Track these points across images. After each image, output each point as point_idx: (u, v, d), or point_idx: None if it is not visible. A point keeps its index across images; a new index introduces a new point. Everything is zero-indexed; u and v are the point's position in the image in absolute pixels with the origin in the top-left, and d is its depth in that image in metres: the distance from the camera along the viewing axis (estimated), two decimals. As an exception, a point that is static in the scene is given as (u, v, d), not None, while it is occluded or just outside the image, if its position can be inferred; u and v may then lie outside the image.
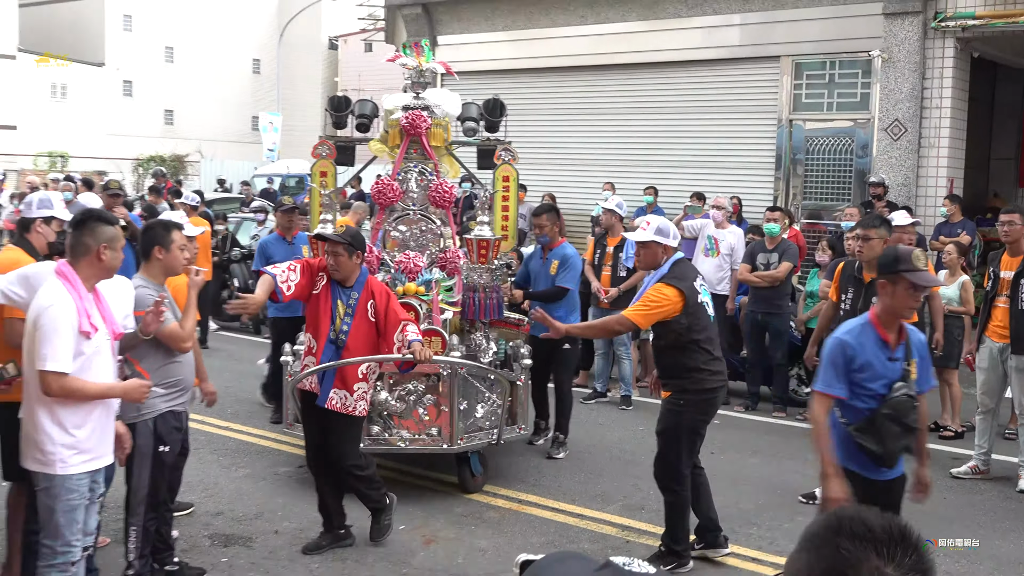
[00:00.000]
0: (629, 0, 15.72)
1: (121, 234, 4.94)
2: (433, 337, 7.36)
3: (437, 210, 8.25)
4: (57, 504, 4.68)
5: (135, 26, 52.18)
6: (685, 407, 6.29)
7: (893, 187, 13.14)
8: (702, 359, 6.24)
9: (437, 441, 7.41)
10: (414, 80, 8.35)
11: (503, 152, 8.55)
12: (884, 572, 1.45)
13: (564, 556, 1.38)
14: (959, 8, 13.12)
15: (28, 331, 4.63)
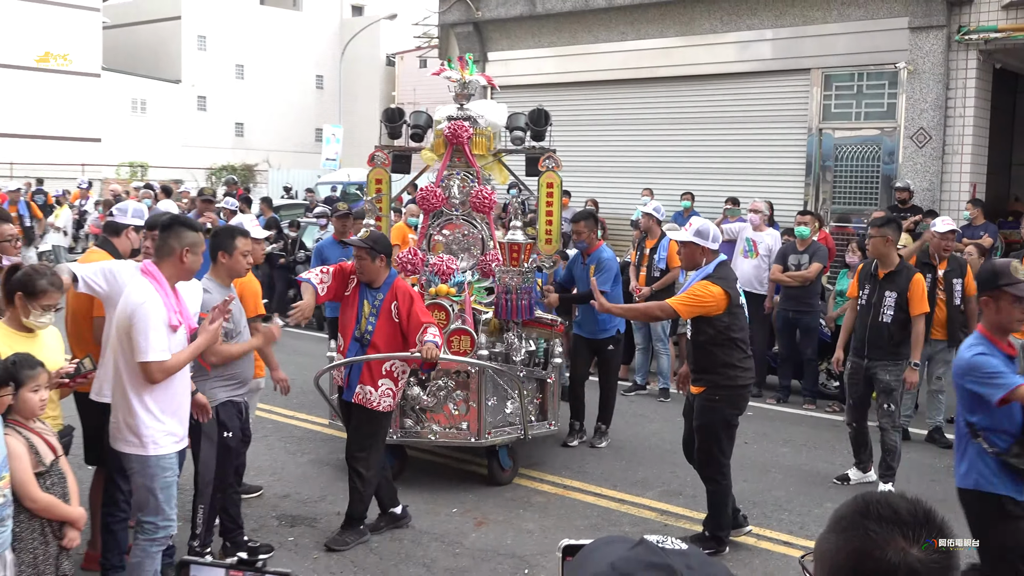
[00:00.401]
0: (667, 17, 15.66)
1: (202, 239, 5.01)
2: (463, 336, 7.26)
3: (478, 215, 8.19)
4: (155, 483, 4.75)
5: (209, 46, 52.74)
6: (720, 402, 6.26)
7: (918, 192, 13.00)
8: (737, 356, 6.23)
9: (465, 435, 7.31)
10: (457, 92, 8.30)
11: (547, 160, 8.45)
12: (909, 553, 1.44)
13: (611, 539, 1.38)
14: (981, 22, 12.97)
15: (121, 326, 4.66)
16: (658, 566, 1.10)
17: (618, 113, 16.48)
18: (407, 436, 7.29)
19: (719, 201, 14.10)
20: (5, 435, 3.89)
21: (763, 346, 11.00)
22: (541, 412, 7.81)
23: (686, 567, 1.11)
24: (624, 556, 1.14)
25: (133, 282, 4.77)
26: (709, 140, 15.39)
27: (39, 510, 4.02)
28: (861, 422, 7.74)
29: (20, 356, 4.06)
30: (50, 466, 4.11)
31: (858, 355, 7.68)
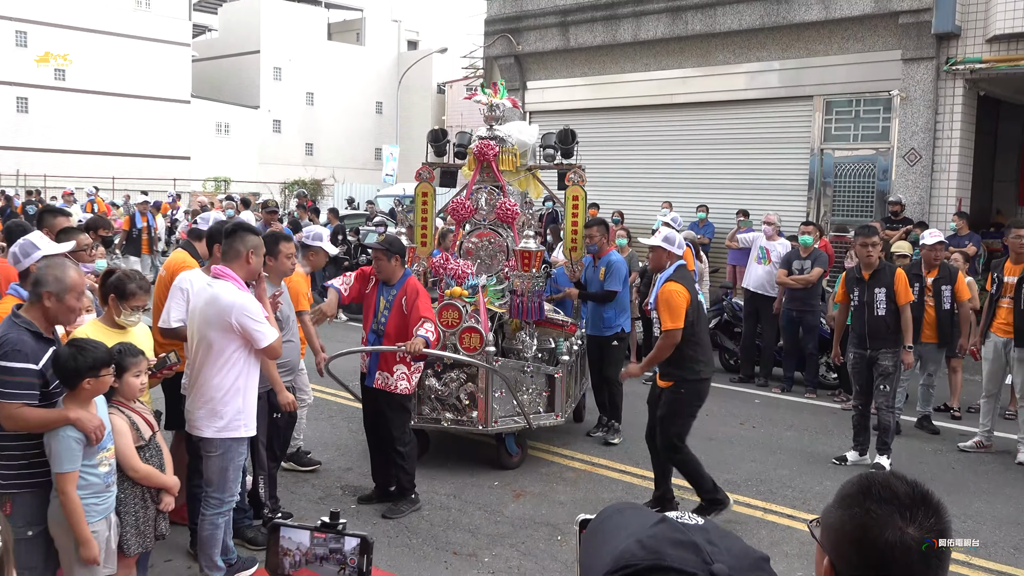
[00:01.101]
0: (685, 50, 15.60)
1: (262, 243, 5.01)
2: (472, 334, 7.05)
3: (503, 224, 8.03)
4: (231, 464, 4.78)
5: (283, 76, 53.18)
6: (686, 395, 6.17)
7: (909, 206, 12.86)
8: (698, 352, 6.13)
9: (474, 423, 7.14)
10: (486, 115, 8.14)
11: (572, 175, 8.29)
12: (906, 532, 1.43)
13: (622, 507, 1.35)
14: (967, 54, 12.80)
15: (217, 323, 4.61)
16: (684, 543, 1.09)
17: (642, 135, 16.43)
18: (424, 421, 7.18)
19: (731, 213, 14.06)
20: (110, 414, 3.97)
21: (770, 341, 10.93)
22: (549, 404, 7.53)
23: (707, 542, 1.10)
24: (650, 533, 1.13)
25: (217, 285, 4.68)
26: (722, 159, 15.30)
27: (140, 479, 4.08)
28: (866, 406, 7.73)
29: (124, 345, 4.12)
30: (148, 441, 4.17)
31: (860, 347, 7.65)
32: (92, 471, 3.79)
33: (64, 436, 3.67)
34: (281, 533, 1.75)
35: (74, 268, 4.00)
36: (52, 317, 3.86)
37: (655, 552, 1.09)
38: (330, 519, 1.77)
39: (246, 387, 4.78)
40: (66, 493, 3.67)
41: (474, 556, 5.64)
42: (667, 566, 1.07)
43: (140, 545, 4.15)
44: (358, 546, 1.75)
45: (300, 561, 1.75)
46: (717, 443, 8.32)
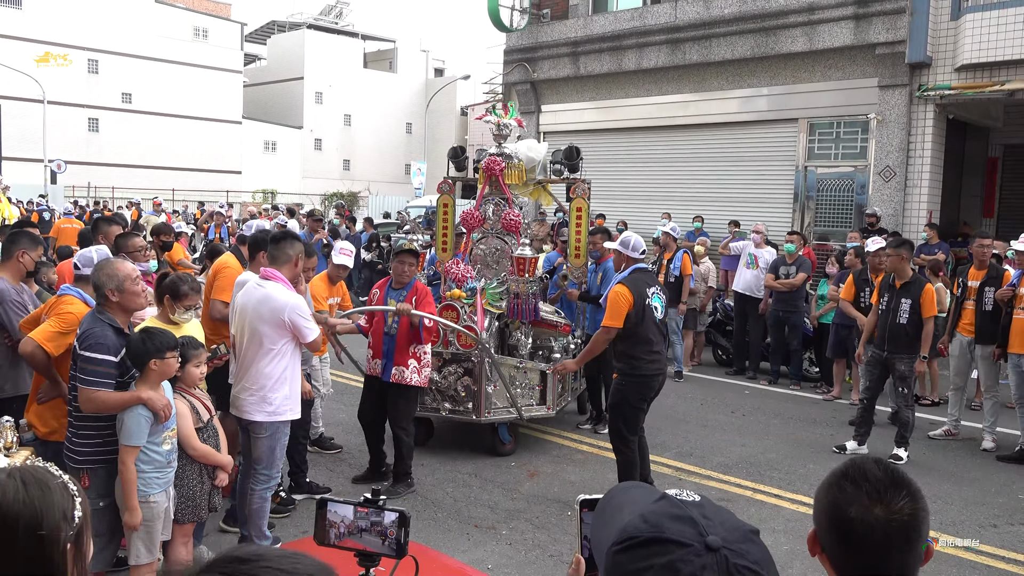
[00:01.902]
0: (684, 77, 15.55)
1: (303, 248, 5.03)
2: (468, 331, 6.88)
3: (508, 233, 7.83)
4: (278, 444, 4.80)
5: (324, 100, 53.38)
6: (626, 387, 5.96)
7: (884, 217, 12.77)
8: (641, 349, 5.87)
9: (469, 413, 7.04)
10: (495, 133, 7.96)
11: (576, 188, 8.12)
12: (871, 510, 1.42)
13: (627, 486, 1.35)
14: (938, 81, 12.71)
15: (271, 320, 4.62)
16: (682, 518, 1.09)
17: (644, 153, 16.39)
18: (426, 411, 7.10)
19: (724, 223, 14.00)
20: (174, 399, 3.99)
21: (759, 338, 10.87)
22: (541, 398, 7.37)
23: (702, 516, 1.10)
24: (651, 509, 1.13)
25: (269, 286, 4.70)
26: (716, 174, 15.24)
27: (198, 456, 4.10)
28: (872, 400, 7.56)
29: (188, 338, 4.14)
30: (207, 423, 4.20)
31: (879, 348, 7.50)
32: (156, 448, 3.81)
33: (137, 413, 3.70)
34: (328, 508, 1.76)
35: (119, 260, 4.10)
36: (125, 308, 3.91)
37: (655, 526, 1.09)
38: (372, 495, 1.77)
39: (292, 376, 4.81)
40: (126, 464, 3.70)
41: (493, 529, 5.64)
42: (666, 538, 1.07)
43: (196, 516, 4.17)
44: (397, 520, 1.75)
45: (344, 532, 1.75)
46: (711, 429, 8.29)
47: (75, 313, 4.22)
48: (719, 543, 1.05)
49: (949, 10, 12.66)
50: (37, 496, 1.36)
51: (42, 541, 1.34)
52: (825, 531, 1.49)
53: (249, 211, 22.39)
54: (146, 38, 44.26)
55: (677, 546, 1.05)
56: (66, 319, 4.23)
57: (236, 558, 1.07)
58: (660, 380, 6.05)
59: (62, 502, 1.38)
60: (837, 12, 13.29)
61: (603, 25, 16.49)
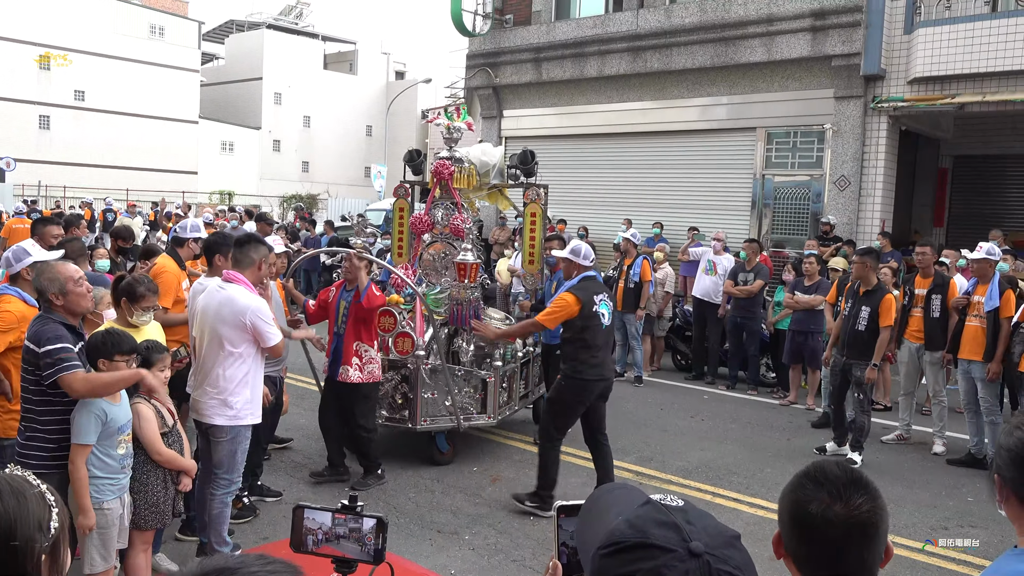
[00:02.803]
0: (644, 85, 15.70)
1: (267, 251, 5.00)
2: (405, 338, 6.79)
3: (458, 238, 7.57)
4: (239, 448, 4.76)
5: (283, 101, 52.86)
6: (564, 388, 6.07)
7: (839, 226, 13.02)
8: (586, 355, 5.93)
9: (406, 421, 6.87)
10: (445, 137, 7.74)
11: (530, 193, 8.03)
12: (832, 508, 1.46)
13: (612, 487, 1.38)
14: (891, 94, 13.01)
15: (231, 322, 4.59)
16: (665, 523, 1.12)
17: (605, 159, 16.51)
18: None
19: (683, 229, 14.16)
20: (137, 404, 3.93)
21: (717, 344, 11.02)
22: (482, 406, 7.19)
23: (686, 521, 1.13)
24: (636, 514, 1.16)
25: (231, 289, 4.66)
26: (676, 181, 15.41)
27: (163, 462, 4.04)
28: (839, 405, 7.74)
29: (152, 343, 4.09)
30: (171, 428, 4.15)
31: (839, 353, 7.68)
32: (110, 452, 3.74)
33: (89, 412, 3.64)
34: (305, 514, 1.76)
35: (60, 262, 3.97)
36: (70, 310, 3.81)
37: (640, 531, 1.12)
38: (349, 502, 1.78)
39: (254, 380, 4.77)
40: (76, 464, 3.63)
41: (456, 534, 5.64)
42: (651, 543, 1.10)
43: (159, 521, 4.12)
44: (375, 526, 1.76)
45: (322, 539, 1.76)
46: (671, 434, 8.38)
47: (13, 312, 4.17)
48: (702, 549, 1.08)
49: (903, 24, 12.97)
50: (12, 506, 1.34)
51: (15, 551, 1.33)
52: (788, 530, 1.52)
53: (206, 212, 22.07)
54: (100, 35, 43.40)
55: (661, 551, 1.08)
56: (4, 319, 4.18)
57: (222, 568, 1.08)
58: (601, 386, 6.08)
59: (38, 512, 1.37)
60: (795, 24, 13.54)
61: (565, 32, 16.60)
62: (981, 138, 15.21)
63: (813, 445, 8.03)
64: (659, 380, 11.04)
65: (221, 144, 50.01)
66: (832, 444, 7.83)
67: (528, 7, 17.38)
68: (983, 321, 7.49)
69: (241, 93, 52.55)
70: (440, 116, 7.94)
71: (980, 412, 7.55)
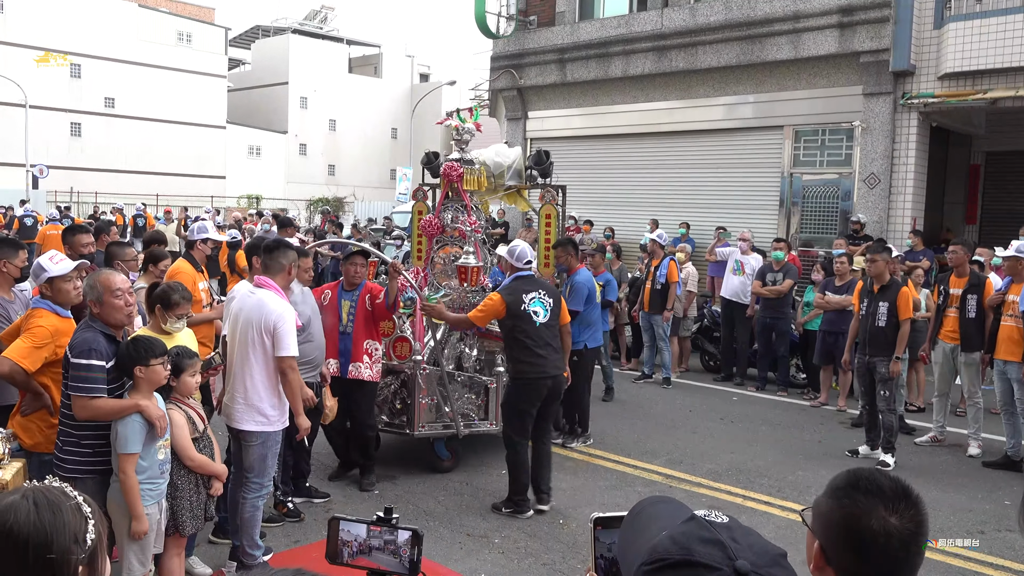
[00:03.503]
0: (670, 85, 15.62)
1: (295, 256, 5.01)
2: (403, 343, 6.76)
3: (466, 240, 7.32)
4: (269, 452, 4.79)
5: (309, 105, 53.24)
6: (511, 389, 6.13)
7: (869, 224, 12.86)
8: (523, 354, 5.96)
9: (404, 427, 6.74)
10: (455, 138, 7.54)
11: (545, 194, 7.84)
12: (888, 521, 1.44)
13: (656, 500, 1.35)
14: (921, 90, 12.84)
15: (263, 327, 4.62)
16: (710, 541, 1.10)
17: (631, 159, 16.44)
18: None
19: (710, 229, 14.06)
20: (170, 410, 3.97)
21: (745, 344, 10.93)
22: (484, 412, 7.02)
23: (731, 539, 1.11)
24: (681, 530, 1.13)
25: (262, 294, 4.71)
26: (703, 181, 15.31)
27: (195, 467, 4.08)
28: (871, 405, 7.64)
29: (182, 348, 4.12)
30: (202, 433, 4.18)
31: (862, 352, 7.64)
32: (150, 458, 3.78)
33: (132, 421, 3.68)
34: (341, 526, 1.75)
35: (105, 271, 4.07)
36: (107, 319, 3.86)
37: (685, 548, 1.10)
38: (385, 514, 1.77)
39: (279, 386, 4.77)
40: (126, 472, 3.67)
41: (485, 537, 5.63)
42: (696, 561, 1.08)
43: (192, 526, 4.15)
44: (410, 538, 1.75)
45: (357, 551, 1.75)
46: (700, 436, 8.32)
47: (46, 327, 4.12)
48: (748, 567, 1.06)
49: (932, 19, 12.79)
50: (48, 519, 1.35)
51: (51, 564, 1.34)
52: (840, 545, 1.48)
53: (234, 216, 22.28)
54: (129, 42, 43.99)
55: (706, 569, 1.06)
56: (38, 334, 4.12)
57: None
58: (548, 384, 6.03)
59: (74, 524, 1.38)
60: (822, 20, 13.41)
61: (590, 32, 16.55)
62: (1014, 134, 14.94)
63: (845, 447, 7.93)
64: (687, 381, 10.97)
65: (248, 148, 50.48)
66: (865, 447, 7.72)
67: (552, 8, 17.35)
68: (1019, 321, 7.34)
69: (267, 98, 53.02)
70: (452, 118, 7.78)
71: (1017, 413, 7.42)
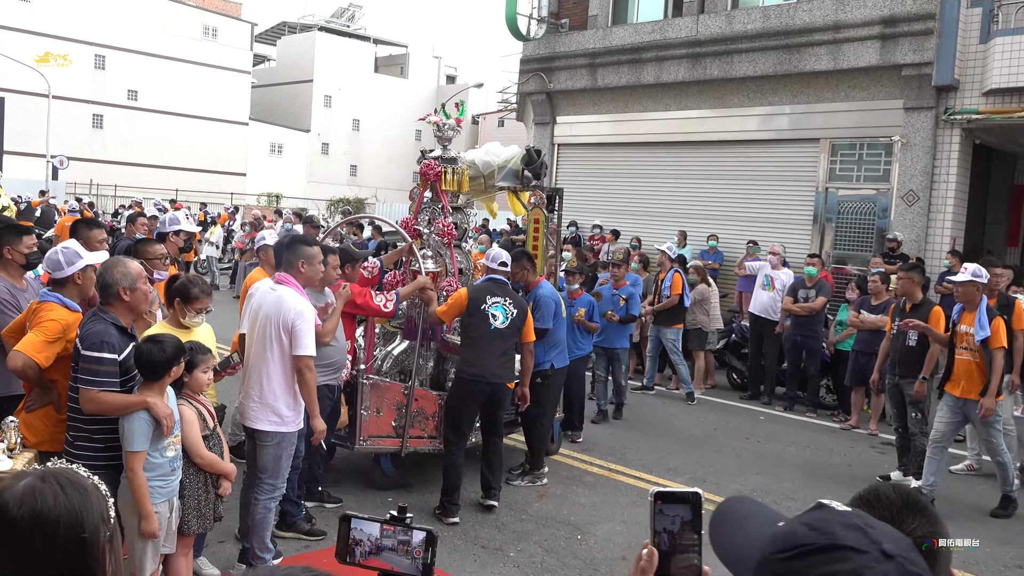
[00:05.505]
0: (703, 93, 15.55)
1: (317, 252, 5.00)
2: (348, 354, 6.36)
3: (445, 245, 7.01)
4: (284, 453, 4.78)
5: (333, 103, 53.65)
6: (452, 387, 6.27)
7: (906, 243, 12.71)
8: (467, 353, 6.07)
9: (344, 440, 6.33)
10: (438, 136, 7.22)
11: (533, 198, 7.63)
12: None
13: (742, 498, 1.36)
14: (965, 105, 12.68)
15: (281, 325, 4.62)
16: (851, 525, 1.09)
17: (660, 168, 16.37)
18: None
19: (741, 243, 13.98)
20: (180, 405, 3.97)
21: (774, 363, 10.83)
22: (435, 429, 6.58)
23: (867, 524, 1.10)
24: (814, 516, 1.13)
25: (280, 290, 4.73)
26: (734, 193, 15.21)
27: (205, 465, 4.07)
28: (904, 428, 7.55)
29: (195, 343, 4.12)
30: (212, 431, 4.18)
31: (891, 373, 7.56)
32: (160, 455, 3.78)
33: (139, 418, 3.68)
34: (352, 524, 1.73)
35: (127, 258, 4.10)
36: (133, 308, 3.92)
37: (827, 533, 1.09)
38: (399, 513, 1.75)
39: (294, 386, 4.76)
40: (134, 471, 3.67)
41: (500, 550, 5.59)
42: (842, 544, 1.07)
43: (200, 526, 4.14)
44: (424, 539, 1.73)
45: (369, 551, 1.73)
46: (725, 455, 8.24)
47: (58, 320, 4.10)
48: (895, 550, 1.06)
49: (979, 33, 12.65)
50: (76, 499, 1.37)
51: (84, 544, 1.35)
52: None
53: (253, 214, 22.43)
54: (154, 35, 44.55)
55: (855, 552, 1.05)
56: (50, 328, 4.08)
57: None
58: (484, 390, 6.04)
59: (98, 504, 1.40)
60: (863, 31, 13.30)
61: (622, 37, 16.53)
62: (1061, 154, 14.78)
63: (876, 472, 7.82)
64: (713, 398, 10.88)
65: (270, 146, 50.89)
66: (897, 472, 7.60)
67: (584, 11, 17.35)
68: (976, 355, 6.96)
69: (291, 95, 53.46)
70: (437, 114, 7.45)
71: (945, 450, 7.19)
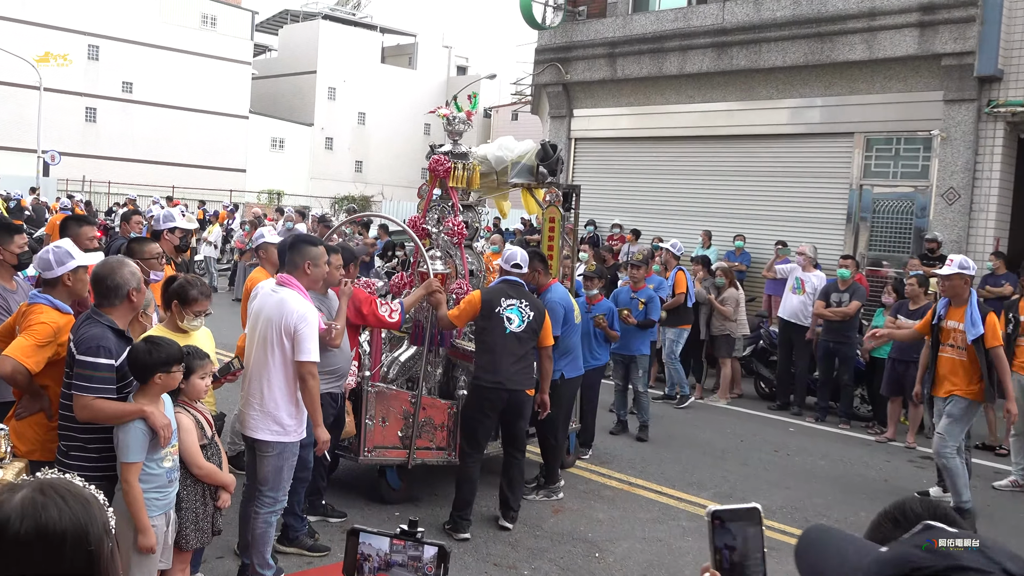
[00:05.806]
0: (730, 84, 15.52)
1: (323, 252, 5.00)
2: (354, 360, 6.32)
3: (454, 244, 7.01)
4: (285, 464, 4.78)
5: (337, 96, 53.79)
6: (468, 396, 6.28)
7: (946, 244, 12.63)
8: (483, 359, 6.08)
9: (350, 451, 6.31)
10: (448, 130, 7.24)
11: (548, 195, 7.62)
12: None
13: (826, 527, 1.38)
14: (1009, 97, 12.61)
15: (283, 329, 4.63)
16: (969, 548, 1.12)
17: (684, 164, 16.35)
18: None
19: (769, 243, 13.94)
20: (178, 413, 3.98)
21: (805, 371, 10.78)
22: (446, 440, 6.59)
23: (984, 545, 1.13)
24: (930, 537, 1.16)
25: (283, 292, 4.72)
26: (763, 191, 15.16)
27: (203, 476, 4.08)
28: None
29: (192, 348, 4.13)
30: (210, 440, 4.19)
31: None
32: (156, 465, 3.80)
33: (134, 428, 3.69)
34: (361, 539, 1.73)
35: (126, 259, 4.18)
36: (136, 308, 4.01)
37: (947, 556, 1.12)
38: (409, 527, 1.75)
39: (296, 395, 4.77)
40: (129, 483, 3.69)
41: (514, 568, 5.59)
42: (966, 566, 1.09)
43: (198, 540, 4.15)
44: (436, 554, 1.73)
45: (378, 566, 1.73)
46: (752, 468, 8.20)
47: (48, 323, 4.12)
48: (1017, 570, 1.09)
49: (1023, 21, 12.58)
50: (80, 511, 1.38)
51: (90, 556, 1.38)
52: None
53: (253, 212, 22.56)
54: (150, 24, 44.84)
55: (979, 574, 1.09)
56: (40, 332, 4.10)
57: None
58: (502, 397, 6.06)
59: (100, 515, 1.42)
60: (900, 19, 13.24)
61: (644, 25, 16.51)
62: (1112, 149, 14.65)
63: (914, 488, 7.76)
64: (739, 408, 10.84)
65: (271, 141, 51.12)
66: (936, 488, 7.54)
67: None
68: (962, 353, 6.98)
69: (293, 87, 53.68)
70: (448, 106, 7.44)
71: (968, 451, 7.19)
